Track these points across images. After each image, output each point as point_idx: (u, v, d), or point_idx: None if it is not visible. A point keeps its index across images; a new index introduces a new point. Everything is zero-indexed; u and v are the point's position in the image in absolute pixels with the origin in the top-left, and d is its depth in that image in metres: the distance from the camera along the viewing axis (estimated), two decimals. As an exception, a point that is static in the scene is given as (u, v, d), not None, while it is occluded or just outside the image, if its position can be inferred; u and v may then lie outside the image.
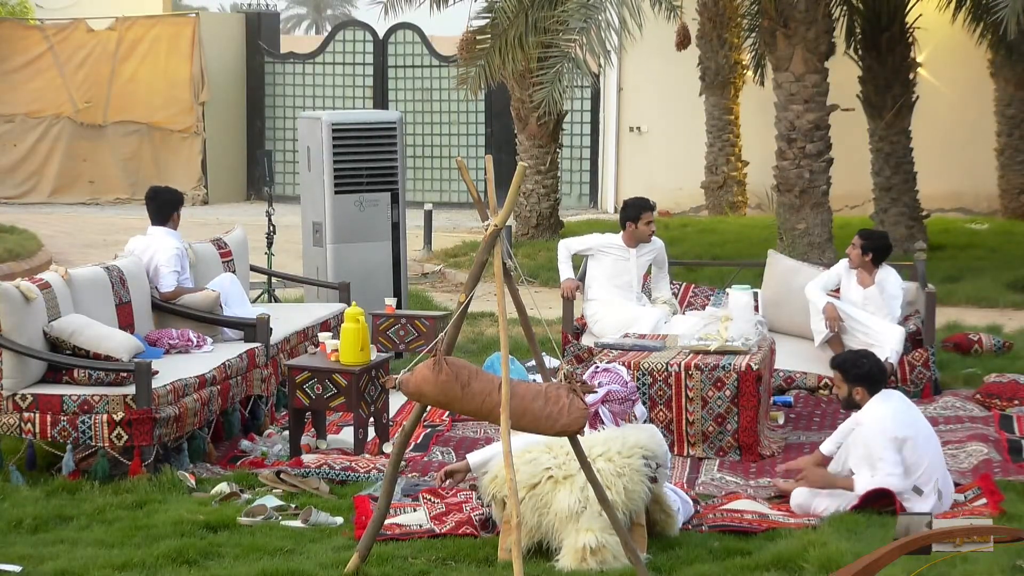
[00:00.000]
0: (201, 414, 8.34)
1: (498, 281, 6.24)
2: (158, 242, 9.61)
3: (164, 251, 9.54)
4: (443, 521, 7.11)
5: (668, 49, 16.49)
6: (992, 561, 6.25)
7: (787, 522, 7.21)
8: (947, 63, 19.52)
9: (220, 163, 23.36)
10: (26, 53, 23.27)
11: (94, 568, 6.44)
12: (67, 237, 18.90)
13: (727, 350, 8.90)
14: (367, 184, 11.55)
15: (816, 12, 14.11)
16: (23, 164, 23.31)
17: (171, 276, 9.50)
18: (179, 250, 9.60)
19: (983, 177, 19.50)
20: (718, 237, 17.37)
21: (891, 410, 7.40)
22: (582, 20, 13.54)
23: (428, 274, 16.10)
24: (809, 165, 14.25)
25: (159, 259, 9.52)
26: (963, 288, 14.11)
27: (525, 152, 17.64)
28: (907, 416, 7.45)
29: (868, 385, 7.51)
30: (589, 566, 6.42)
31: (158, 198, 9.82)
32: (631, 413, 7.65)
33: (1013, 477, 7.84)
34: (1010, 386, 9.77)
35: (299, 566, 6.45)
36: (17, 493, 7.67)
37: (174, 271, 9.52)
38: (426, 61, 23.07)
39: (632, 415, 7.65)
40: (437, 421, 9.31)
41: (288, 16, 68.69)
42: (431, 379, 6.07)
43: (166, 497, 7.59)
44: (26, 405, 7.90)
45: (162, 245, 9.58)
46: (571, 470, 6.54)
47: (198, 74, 22.92)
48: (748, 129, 19.78)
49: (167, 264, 9.50)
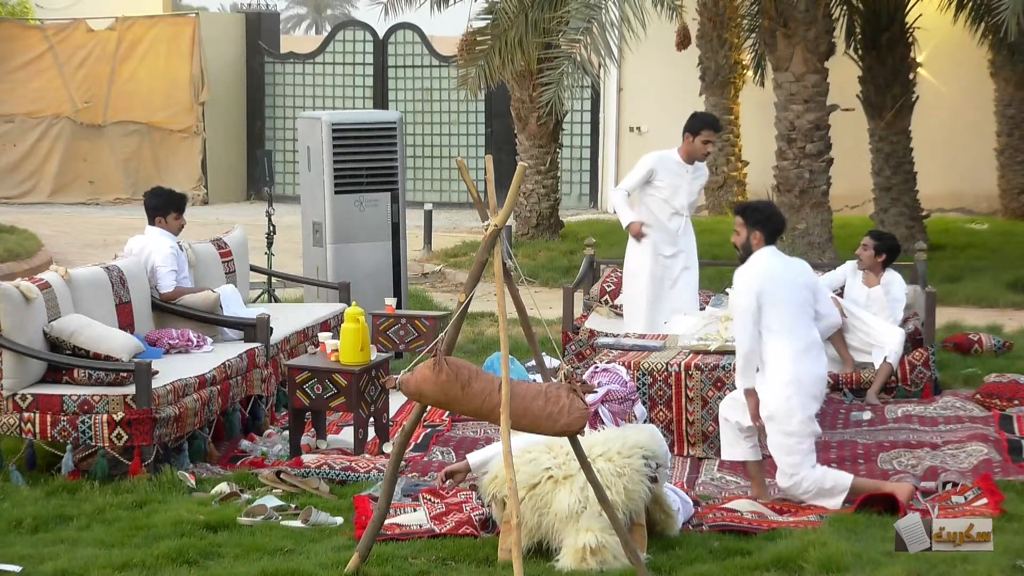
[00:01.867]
0: (201, 414, 8.34)
1: (498, 281, 6.24)
2: (153, 242, 9.62)
3: (159, 251, 9.55)
4: (443, 521, 7.10)
5: (668, 49, 16.51)
6: (992, 561, 6.25)
7: (787, 522, 7.21)
8: (947, 63, 19.52)
9: (220, 163, 23.36)
10: (26, 53, 23.28)
11: (94, 568, 6.43)
12: (67, 237, 18.90)
13: (727, 350, 8.90)
14: (367, 184, 11.55)
15: (816, 12, 14.12)
16: (23, 164, 23.32)
17: (169, 276, 9.50)
18: (173, 249, 9.60)
19: (983, 177, 19.50)
20: (718, 237, 17.32)
21: (765, 265, 7.56)
22: (585, 20, 13.54)
23: (428, 274, 16.09)
24: (809, 165, 14.26)
25: (155, 259, 9.53)
26: (963, 288, 14.10)
27: (525, 152, 17.64)
28: (782, 272, 7.59)
29: (765, 232, 7.66)
30: (589, 566, 6.42)
31: (151, 199, 9.82)
32: (631, 413, 7.66)
33: (1013, 477, 7.83)
34: (1010, 386, 9.77)
35: (299, 566, 6.45)
36: (17, 493, 7.66)
37: (171, 270, 9.52)
38: (426, 61, 23.08)
39: (632, 415, 7.65)
40: (437, 421, 9.31)
41: (288, 16, 68.73)
42: (431, 379, 6.08)
43: (166, 497, 7.58)
44: (26, 405, 7.90)
45: (157, 245, 9.58)
46: (571, 470, 6.54)
47: (198, 74, 22.92)
48: (748, 129, 19.79)
49: (164, 264, 9.50)
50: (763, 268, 7.58)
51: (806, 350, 7.53)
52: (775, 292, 7.51)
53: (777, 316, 7.48)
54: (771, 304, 7.49)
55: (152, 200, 9.82)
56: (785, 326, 7.49)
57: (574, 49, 13.65)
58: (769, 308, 7.48)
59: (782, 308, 7.50)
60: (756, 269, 7.59)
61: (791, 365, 7.47)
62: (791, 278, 7.62)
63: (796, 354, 7.48)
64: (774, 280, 7.54)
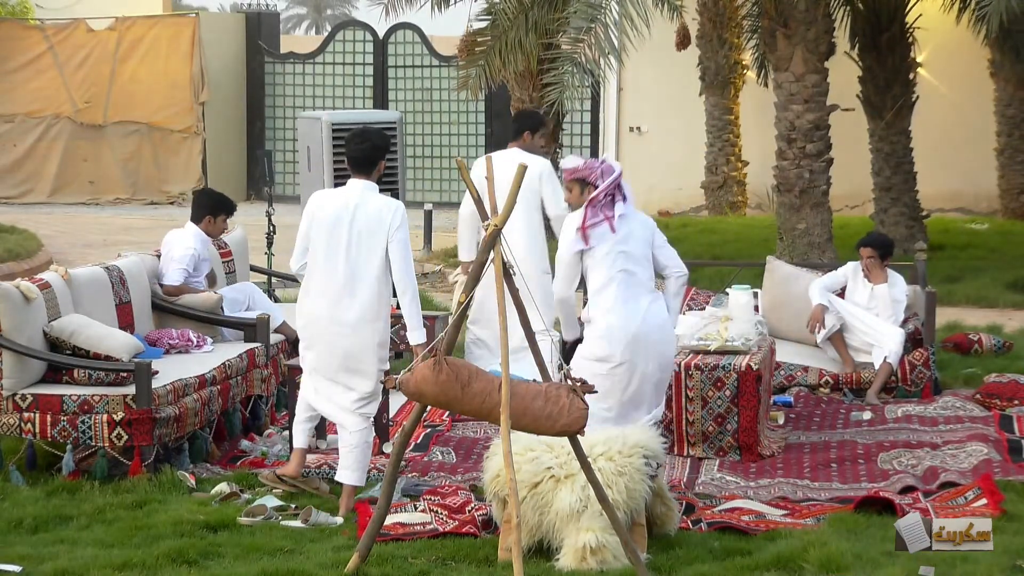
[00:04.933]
0: (201, 414, 8.34)
1: (498, 281, 6.24)
2: (178, 238, 9.73)
3: (180, 247, 9.65)
4: (446, 520, 7.10)
5: (668, 49, 16.51)
6: (992, 561, 6.25)
7: (787, 522, 7.22)
8: (947, 63, 19.52)
9: (220, 163, 23.35)
10: (26, 53, 23.26)
11: (94, 568, 6.43)
12: (67, 237, 18.89)
13: (727, 350, 8.90)
14: (367, 184, 11.51)
15: (816, 12, 14.12)
16: (23, 164, 23.30)
17: (178, 272, 9.54)
18: (195, 251, 9.65)
19: (983, 177, 19.50)
20: (718, 237, 17.36)
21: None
22: (587, 20, 13.54)
23: (428, 274, 16.08)
24: (809, 165, 14.26)
25: (173, 253, 9.65)
26: (963, 288, 14.10)
27: (525, 152, 17.61)
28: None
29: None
30: (589, 566, 6.42)
31: (203, 198, 10.04)
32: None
33: (1013, 477, 7.83)
34: (1010, 386, 9.76)
35: (299, 566, 6.45)
36: (17, 493, 7.66)
37: (183, 268, 9.55)
38: (426, 61, 23.07)
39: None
40: (437, 421, 9.31)
41: (288, 16, 68.70)
42: (431, 379, 6.08)
43: (166, 497, 7.58)
44: (26, 405, 7.90)
45: (181, 241, 9.68)
46: (572, 469, 6.54)
47: (198, 74, 22.91)
48: (748, 129, 19.78)
49: (179, 260, 9.58)
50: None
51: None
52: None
53: None
54: None
55: (203, 199, 10.01)
56: None
57: (576, 50, 13.64)
58: None
59: None
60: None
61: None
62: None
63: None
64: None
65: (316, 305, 7.47)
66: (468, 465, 8.26)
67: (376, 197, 7.50)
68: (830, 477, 8.18)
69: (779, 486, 7.99)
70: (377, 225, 7.39)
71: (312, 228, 7.49)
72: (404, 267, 7.44)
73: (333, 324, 7.43)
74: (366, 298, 7.42)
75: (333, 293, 7.43)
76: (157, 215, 21.51)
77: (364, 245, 7.39)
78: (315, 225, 7.48)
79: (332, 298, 7.43)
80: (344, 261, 7.40)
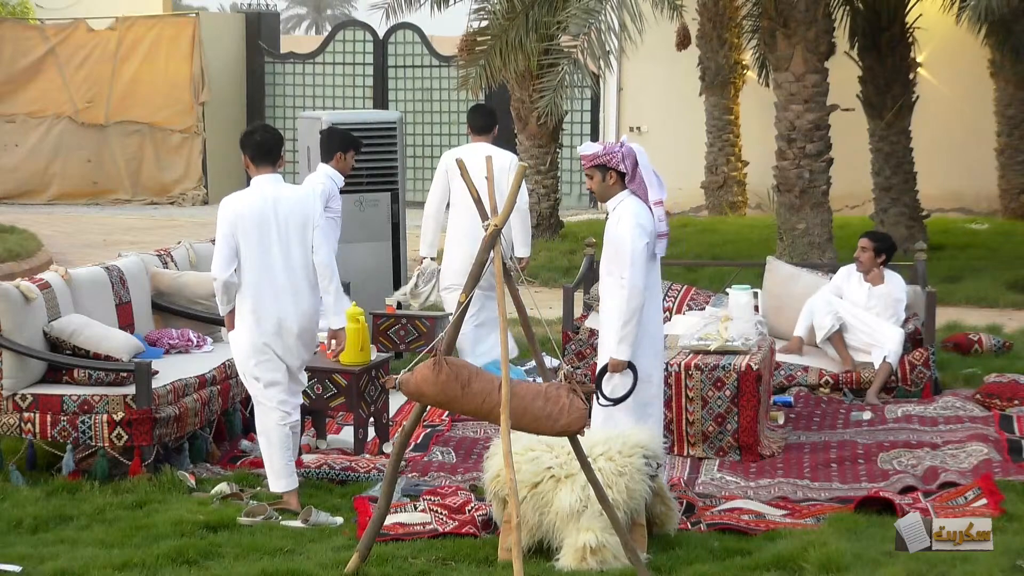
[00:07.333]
0: (201, 414, 8.34)
1: (498, 281, 6.25)
2: (312, 181, 9.92)
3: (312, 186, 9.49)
4: (445, 520, 7.11)
5: (668, 49, 16.50)
6: (992, 561, 6.25)
7: (787, 522, 7.22)
8: (947, 63, 19.52)
9: (220, 163, 23.33)
10: (27, 53, 23.25)
11: (94, 568, 6.44)
12: (67, 237, 18.88)
13: (727, 350, 8.90)
14: (367, 184, 11.55)
15: (816, 12, 14.11)
16: (24, 164, 23.28)
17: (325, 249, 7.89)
18: (324, 187, 9.72)
19: (983, 177, 19.49)
20: (718, 237, 17.37)
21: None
22: (584, 25, 13.54)
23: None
24: (809, 165, 14.25)
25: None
26: (963, 288, 14.10)
27: (525, 152, 17.63)
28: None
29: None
30: (589, 566, 6.42)
31: (323, 139, 10.17)
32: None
33: (1013, 477, 7.84)
34: (1010, 386, 9.77)
35: (299, 566, 6.45)
36: (17, 493, 7.67)
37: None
38: (426, 61, 23.07)
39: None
40: (437, 421, 9.31)
41: (288, 16, 68.73)
42: (431, 379, 6.08)
43: (166, 497, 7.59)
44: (26, 405, 7.90)
45: (312, 181, 9.83)
46: (573, 469, 6.54)
47: (198, 74, 22.91)
48: (748, 129, 19.78)
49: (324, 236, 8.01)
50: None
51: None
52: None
53: None
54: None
55: (332, 137, 10.09)
56: None
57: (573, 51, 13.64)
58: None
59: None
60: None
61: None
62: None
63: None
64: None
65: (281, 303, 7.47)
66: (468, 465, 8.27)
67: (288, 187, 7.64)
68: (830, 477, 8.19)
69: (779, 486, 8.00)
70: (301, 217, 7.51)
71: (237, 232, 7.43)
72: (326, 251, 7.58)
73: (296, 314, 7.52)
74: (313, 282, 7.54)
75: (288, 285, 7.48)
76: (157, 215, 21.52)
77: (294, 237, 7.49)
78: (240, 229, 7.43)
79: (291, 290, 7.48)
80: (281, 255, 7.46)
